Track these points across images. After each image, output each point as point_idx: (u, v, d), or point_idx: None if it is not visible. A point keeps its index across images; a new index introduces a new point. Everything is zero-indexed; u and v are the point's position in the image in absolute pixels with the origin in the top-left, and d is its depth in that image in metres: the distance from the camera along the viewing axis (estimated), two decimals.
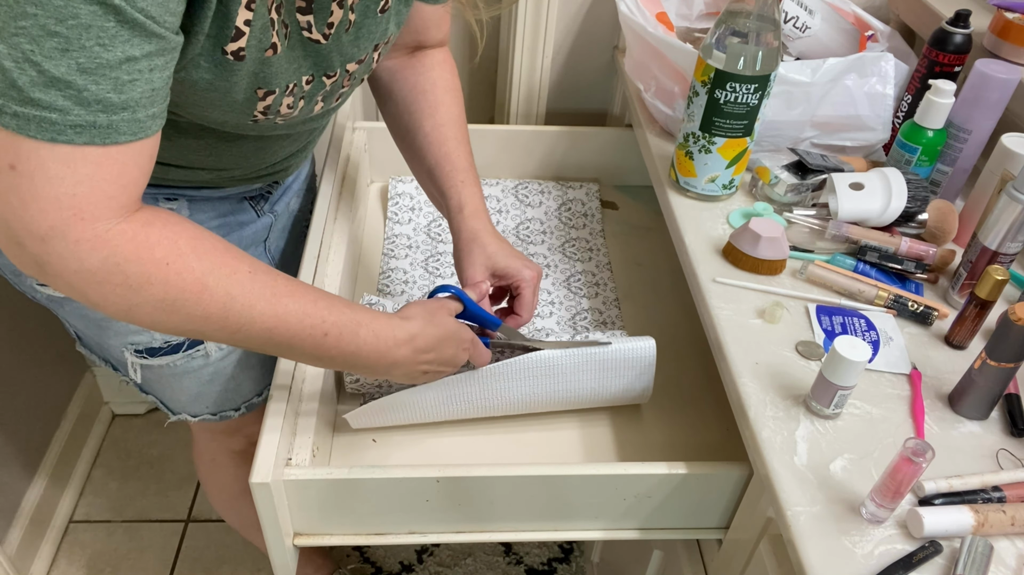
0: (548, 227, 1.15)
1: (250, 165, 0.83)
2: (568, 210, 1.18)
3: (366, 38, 0.72)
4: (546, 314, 1.01)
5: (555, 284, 1.06)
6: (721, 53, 0.82)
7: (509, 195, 1.20)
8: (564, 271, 1.08)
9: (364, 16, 0.71)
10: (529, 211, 1.18)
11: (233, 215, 0.90)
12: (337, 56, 0.71)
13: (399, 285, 1.04)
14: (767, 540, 0.68)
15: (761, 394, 0.70)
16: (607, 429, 0.88)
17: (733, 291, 0.81)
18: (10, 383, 1.38)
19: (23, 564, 1.40)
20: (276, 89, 0.67)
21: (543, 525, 0.77)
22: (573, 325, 0.99)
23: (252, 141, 0.78)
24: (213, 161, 0.79)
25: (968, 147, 0.89)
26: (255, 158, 0.82)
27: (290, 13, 0.64)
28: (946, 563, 0.58)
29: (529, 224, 1.16)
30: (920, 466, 0.57)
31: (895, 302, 0.79)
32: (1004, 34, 0.93)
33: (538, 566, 1.50)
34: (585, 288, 1.05)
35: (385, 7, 0.72)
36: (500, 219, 1.16)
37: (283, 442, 0.71)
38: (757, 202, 0.93)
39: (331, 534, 0.76)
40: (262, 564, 1.50)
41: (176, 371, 0.90)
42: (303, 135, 0.84)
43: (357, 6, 0.69)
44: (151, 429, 1.73)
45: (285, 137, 0.81)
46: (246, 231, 0.91)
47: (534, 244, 1.12)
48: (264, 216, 0.94)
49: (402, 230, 1.13)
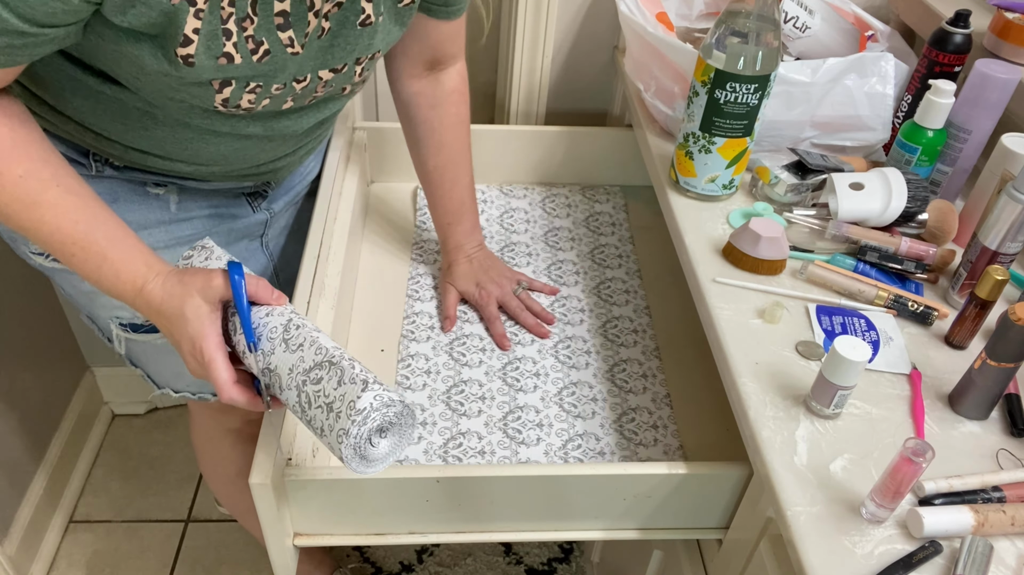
0: (576, 235, 1.15)
1: (230, 163, 0.83)
2: (596, 220, 1.18)
3: (342, 48, 0.73)
4: (576, 321, 1.00)
5: (585, 291, 1.05)
6: (721, 53, 0.82)
7: (536, 207, 1.20)
8: (594, 278, 1.08)
9: (341, 26, 0.71)
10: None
11: (226, 207, 0.91)
12: (309, 62, 0.71)
13: (427, 290, 1.05)
14: (767, 540, 0.68)
15: (761, 394, 0.70)
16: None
17: (733, 291, 0.81)
18: (10, 383, 1.38)
19: (23, 564, 1.40)
20: (233, 83, 0.67)
21: (543, 525, 0.77)
22: (604, 333, 0.99)
23: (229, 140, 0.78)
24: (191, 155, 0.80)
25: (968, 147, 0.89)
26: (235, 157, 0.82)
27: (268, 32, 0.65)
28: (946, 563, 0.58)
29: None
30: (920, 466, 0.57)
31: (895, 302, 0.79)
32: (1004, 34, 0.93)
33: (538, 566, 1.50)
34: (614, 296, 1.04)
35: (367, 21, 0.72)
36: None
37: (283, 442, 0.71)
38: (757, 202, 0.93)
39: (331, 534, 0.76)
40: (262, 564, 1.50)
41: (158, 347, 0.91)
42: (288, 139, 0.84)
43: (333, 15, 0.69)
44: (151, 429, 1.73)
45: (266, 139, 0.80)
46: (237, 223, 0.92)
47: (563, 251, 1.12)
48: (259, 212, 0.94)
49: (431, 235, 1.14)
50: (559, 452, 0.84)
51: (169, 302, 0.66)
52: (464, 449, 0.84)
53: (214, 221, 0.90)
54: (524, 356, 0.95)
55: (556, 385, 0.92)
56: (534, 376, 0.93)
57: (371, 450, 0.61)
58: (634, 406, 0.90)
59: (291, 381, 0.63)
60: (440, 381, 0.91)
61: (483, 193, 1.21)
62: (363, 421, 0.59)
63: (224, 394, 0.65)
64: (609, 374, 0.94)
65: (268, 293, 0.68)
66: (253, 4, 0.63)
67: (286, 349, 0.64)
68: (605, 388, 0.92)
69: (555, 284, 1.06)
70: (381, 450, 0.62)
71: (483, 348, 0.96)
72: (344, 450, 0.59)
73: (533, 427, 0.87)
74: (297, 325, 0.66)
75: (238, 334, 0.66)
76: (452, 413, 0.88)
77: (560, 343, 0.97)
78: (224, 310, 0.67)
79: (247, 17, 0.63)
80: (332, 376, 0.61)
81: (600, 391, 0.91)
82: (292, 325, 0.66)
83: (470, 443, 0.85)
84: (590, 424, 0.88)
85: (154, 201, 0.85)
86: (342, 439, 0.59)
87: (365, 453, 0.61)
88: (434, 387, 0.91)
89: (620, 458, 0.84)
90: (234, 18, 0.63)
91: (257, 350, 0.65)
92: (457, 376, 0.92)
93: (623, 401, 0.90)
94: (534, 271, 1.08)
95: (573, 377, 0.93)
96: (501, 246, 1.11)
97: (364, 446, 0.60)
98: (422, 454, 0.83)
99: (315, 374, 0.62)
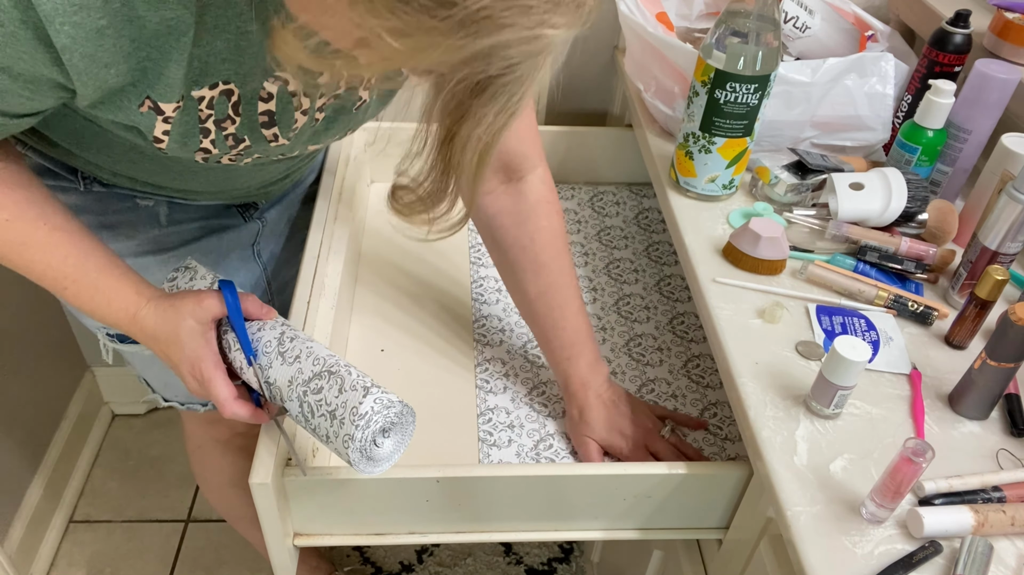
0: (627, 232, 1.15)
1: (219, 191, 0.84)
2: (646, 217, 1.18)
3: (335, 130, 0.74)
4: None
5: (646, 289, 1.05)
6: (721, 53, 0.82)
7: (585, 207, 1.20)
8: (653, 275, 1.08)
9: (338, 113, 0.71)
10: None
11: (216, 218, 0.90)
12: (298, 144, 0.72)
13: (492, 294, 1.05)
14: (767, 540, 0.68)
15: (761, 394, 0.70)
16: None
17: (733, 291, 0.81)
18: (10, 382, 1.38)
19: (23, 564, 1.40)
20: (213, 151, 0.68)
21: (543, 525, 0.77)
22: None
23: (217, 174, 0.79)
24: (179, 184, 0.81)
25: (968, 147, 0.89)
26: (225, 185, 0.83)
27: (252, 131, 0.66)
28: (946, 563, 0.58)
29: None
30: (920, 466, 0.57)
31: (895, 302, 0.79)
32: (1004, 34, 0.93)
33: (538, 566, 1.50)
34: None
35: (361, 105, 0.73)
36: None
37: (283, 442, 0.71)
38: (757, 202, 0.93)
39: (331, 534, 0.76)
40: (262, 564, 1.50)
41: (145, 358, 0.92)
42: (279, 167, 0.84)
43: (328, 106, 0.70)
44: (151, 429, 1.73)
45: (256, 172, 0.81)
46: (227, 235, 0.91)
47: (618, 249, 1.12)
48: (252, 222, 0.94)
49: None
50: None
51: (163, 327, 0.67)
52: (555, 450, 0.85)
53: (204, 231, 0.89)
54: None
55: (634, 383, 0.92)
56: (611, 375, 0.93)
57: (376, 451, 0.63)
58: (714, 401, 0.91)
59: (291, 393, 0.65)
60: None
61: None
62: (366, 425, 0.61)
63: (227, 410, 0.67)
64: (684, 370, 0.94)
65: (258, 308, 0.69)
66: (235, 106, 0.64)
67: (283, 362, 0.66)
68: (683, 384, 0.93)
69: (615, 282, 1.06)
70: (385, 450, 0.64)
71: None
72: (351, 454, 0.61)
73: None
74: (291, 337, 0.68)
75: (233, 351, 0.68)
76: (537, 415, 0.89)
77: (631, 341, 0.98)
78: (217, 329, 0.69)
79: (227, 118, 0.64)
80: (332, 385, 0.63)
81: (678, 387, 0.92)
82: (286, 338, 0.68)
83: (560, 444, 0.85)
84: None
85: (144, 212, 0.85)
86: (348, 444, 0.61)
87: (371, 454, 0.63)
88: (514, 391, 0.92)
89: (709, 452, 0.85)
90: (212, 119, 0.64)
91: (256, 364, 0.67)
92: (536, 378, 0.94)
93: (703, 396, 0.91)
94: (593, 270, 1.08)
95: (649, 374, 0.94)
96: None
97: (369, 448, 0.62)
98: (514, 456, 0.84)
99: (315, 384, 0.64)
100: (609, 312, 1.02)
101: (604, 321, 1.01)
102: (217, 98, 0.62)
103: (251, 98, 0.64)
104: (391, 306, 1.02)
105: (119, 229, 0.84)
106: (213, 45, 0.58)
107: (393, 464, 0.65)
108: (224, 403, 0.67)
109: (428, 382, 0.92)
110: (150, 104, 0.59)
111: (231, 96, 0.63)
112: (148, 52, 0.56)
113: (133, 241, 0.85)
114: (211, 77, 0.60)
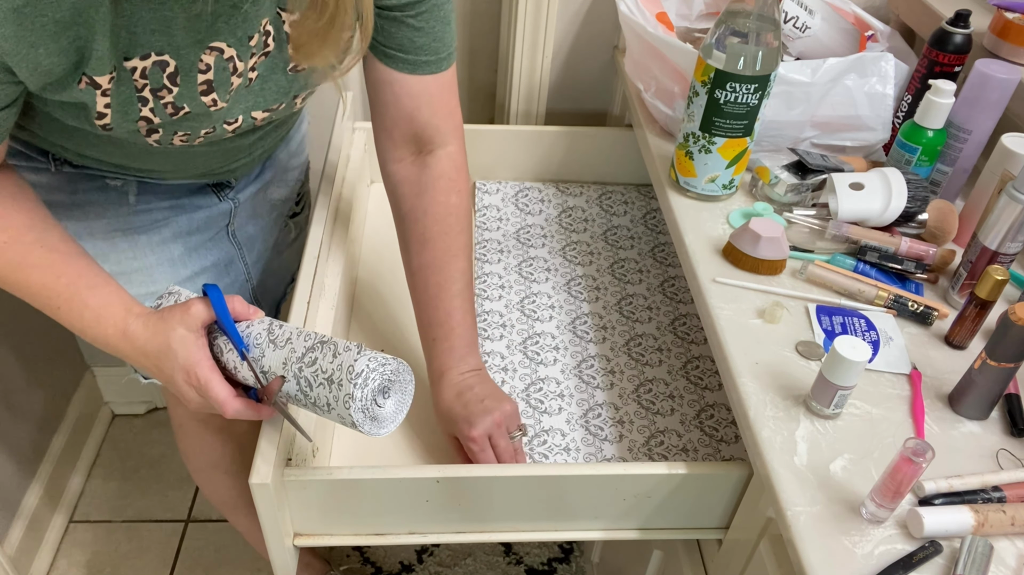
0: (634, 232, 1.15)
1: (182, 171, 0.85)
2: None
3: (274, 91, 0.74)
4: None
5: (650, 289, 1.05)
6: (721, 53, 0.82)
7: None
8: (657, 276, 1.08)
9: (271, 71, 0.72)
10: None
11: (188, 198, 0.91)
12: (236, 109, 0.73)
13: (495, 290, 1.05)
14: (767, 540, 0.68)
15: (761, 394, 0.70)
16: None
17: (733, 291, 0.81)
18: (10, 383, 1.38)
19: (23, 564, 1.40)
20: (160, 131, 0.70)
21: (543, 525, 0.77)
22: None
23: (178, 155, 0.80)
24: (142, 164, 0.82)
25: (968, 147, 0.89)
26: (188, 166, 0.84)
27: (191, 99, 0.68)
28: (946, 563, 0.58)
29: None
30: (920, 466, 0.57)
31: (895, 302, 0.79)
32: (1004, 34, 0.93)
33: (538, 566, 1.50)
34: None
35: (297, 68, 0.74)
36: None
37: (283, 442, 0.71)
38: (757, 202, 0.93)
39: (331, 534, 0.76)
40: (261, 564, 1.50)
41: None
42: (241, 151, 0.84)
43: (259, 65, 0.71)
44: (151, 429, 1.73)
45: (218, 153, 0.81)
46: (198, 215, 0.92)
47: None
48: (225, 202, 0.94)
49: (491, 236, 1.14)
50: (642, 448, 0.86)
51: (154, 340, 0.67)
52: (550, 446, 0.85)
53: (175, 211, 0.90)
54: (598, 354, 0.96)
55: (632, 382, 0.92)
56: (609, 374, 0.93)
57: (379, 411, 0.64)
58: (711, 402, 0.91)
59: (287, 373, 0.65)
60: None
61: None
62: (364, 383, 0.62)
63: (228, 410, 0.66)
64: (683, 371, 0.94)
65: (244, 308, 0.70)
66: (172, 77, 0.66)
67: (275, 348, 0.66)
68: (681, 385, 0.93)
69: (619, 282, 1.06)
70: (388, 410, 0.65)
71: (556, 347, 0.97)
72: (355, 414, 0.62)
73: (614, 424, 0.88)
74: (279, 325, 0.68)
75: (226, 354, 0.68)
76: (533, 411, 0.89)
77: (631, 340, 0.98)
78: (207, 336, 0.69)
79: (163, 88, 0.66)
80: (326, 353, 0.64)
81: (676, 388, 0.92)
82: (275, 326, 0.68)
83: (554, 440, 0.86)
84: (670, 421, 0.88)
85: (113, 192, 0.86)
86: (349, 404, 0.62)
87: (374, 414, 0.64)
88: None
89: (703, 454, 0.85)
90: (149, 88, 0.65)
91: (249, 357, 0.67)
92: (534, 374, 0.94)
93: (700, 398, 0.91)
94: (598, 268, 1.08)
95: (648, 374, 0.94)
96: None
97: (371, 407, 0.63)
98: None
99: (309, 357, 0.65)
100: (611, 311, 1.02)
101: (605, 320, 1.01)
102: (151, 68, 0.64)
103: (189, 69, 0.66)
104: (391, 306, 1.02)
105: (89, 208, 0.85)
106: (137, 15, 0.61)
107: (398, 425, 0.66)
108: (224, 403, 0.66)
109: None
110: (87, 80, 0.62)
111: (166, 67, 0.65)
112: (77, 31, 0.58)
113: (103, 220, 0.86)
114: (141, 48, 0.63)
